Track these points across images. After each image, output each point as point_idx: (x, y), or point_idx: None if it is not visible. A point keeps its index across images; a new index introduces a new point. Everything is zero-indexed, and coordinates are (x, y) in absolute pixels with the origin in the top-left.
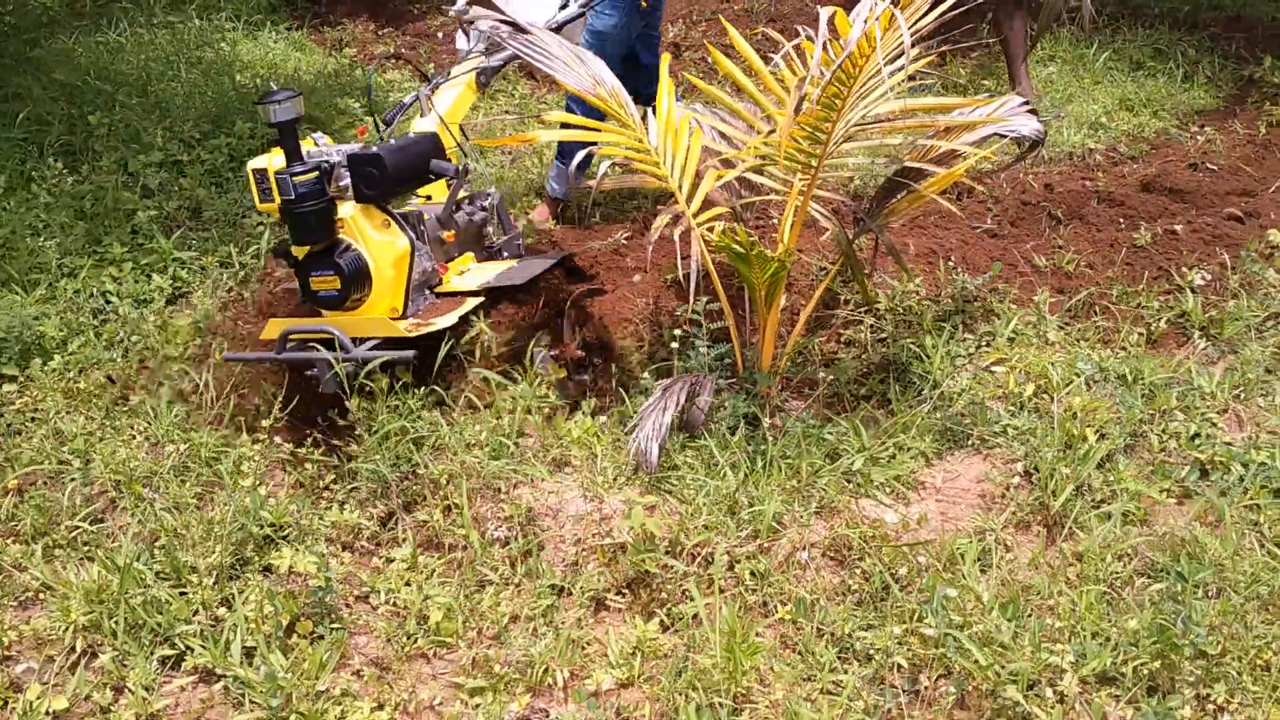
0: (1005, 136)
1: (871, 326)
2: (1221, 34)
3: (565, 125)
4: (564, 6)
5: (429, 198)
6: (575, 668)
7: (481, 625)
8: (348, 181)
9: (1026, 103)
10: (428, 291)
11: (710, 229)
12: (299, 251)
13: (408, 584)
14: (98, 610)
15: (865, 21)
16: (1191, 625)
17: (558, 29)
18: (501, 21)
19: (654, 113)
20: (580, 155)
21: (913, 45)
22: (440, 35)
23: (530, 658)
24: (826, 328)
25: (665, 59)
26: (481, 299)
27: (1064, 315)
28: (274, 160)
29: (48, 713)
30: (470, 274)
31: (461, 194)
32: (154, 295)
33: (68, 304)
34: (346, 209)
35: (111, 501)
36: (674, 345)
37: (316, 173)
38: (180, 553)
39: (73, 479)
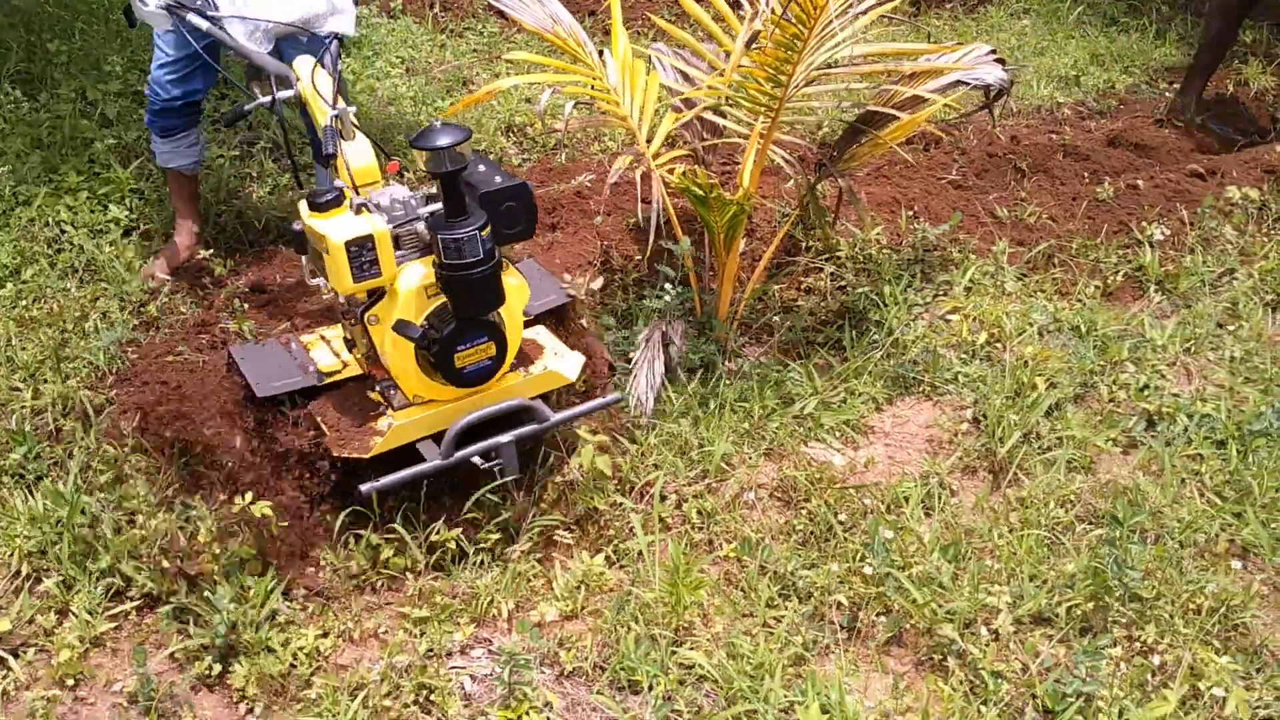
0: (970, 85)
1: (832, 274)
2: None
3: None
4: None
5: None
6: (521, 600)
7: (430, 560)
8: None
9: (993, 51)
10: None
11: (670, 171)
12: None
13: None
14: (44, 536)
15: None
16: (1125, 569)
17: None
18: None
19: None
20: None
21: None
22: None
23: (476, 590)
24: (788, 274)
25: (615, 1)
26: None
27: (1022, 266)
28: (377, 223)
29: None
30: None
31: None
32: (110, 226)
33: (21, 232)
34: None
35: (56, 430)
36: (655, 295)
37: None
38: (129, 484)
39: (22, 406)
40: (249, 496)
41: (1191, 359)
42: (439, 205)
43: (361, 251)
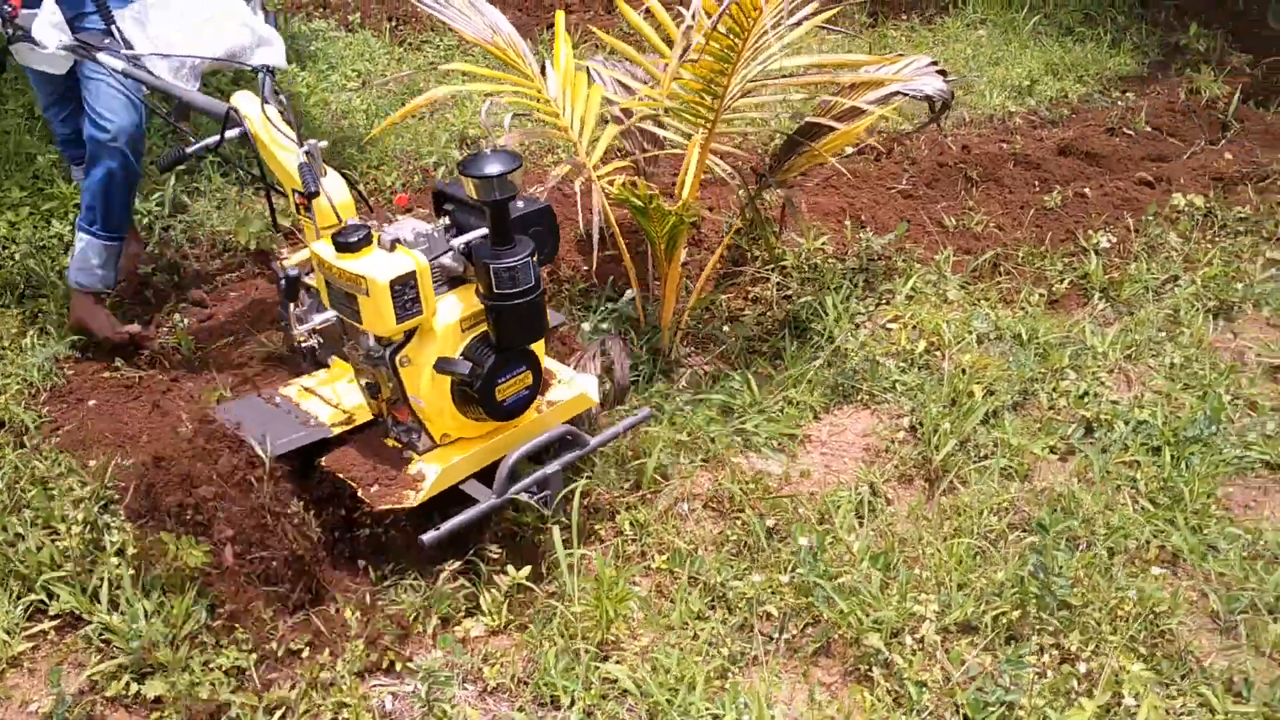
0: (909, 95)
1: (778, 284)
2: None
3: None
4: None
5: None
6: (446, 615)
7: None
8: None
9: (935, 62)
10: None
11: (611, 182)
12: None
13: None
14: None
15: None
16: (1050, 576)
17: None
18: None
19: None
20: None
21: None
22: None
23: (401, 605)
24: (735, 284)
25: (560, 14)
26: None
27: (967, 275)
28: (418, 258)
29: None
30: None
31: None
32: (52, 242)
33: None
34: None
35: None
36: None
37: None
38: (54, 500)
39: None
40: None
41: (1132, 366)
42: (475, 235)
43: (405, 290)
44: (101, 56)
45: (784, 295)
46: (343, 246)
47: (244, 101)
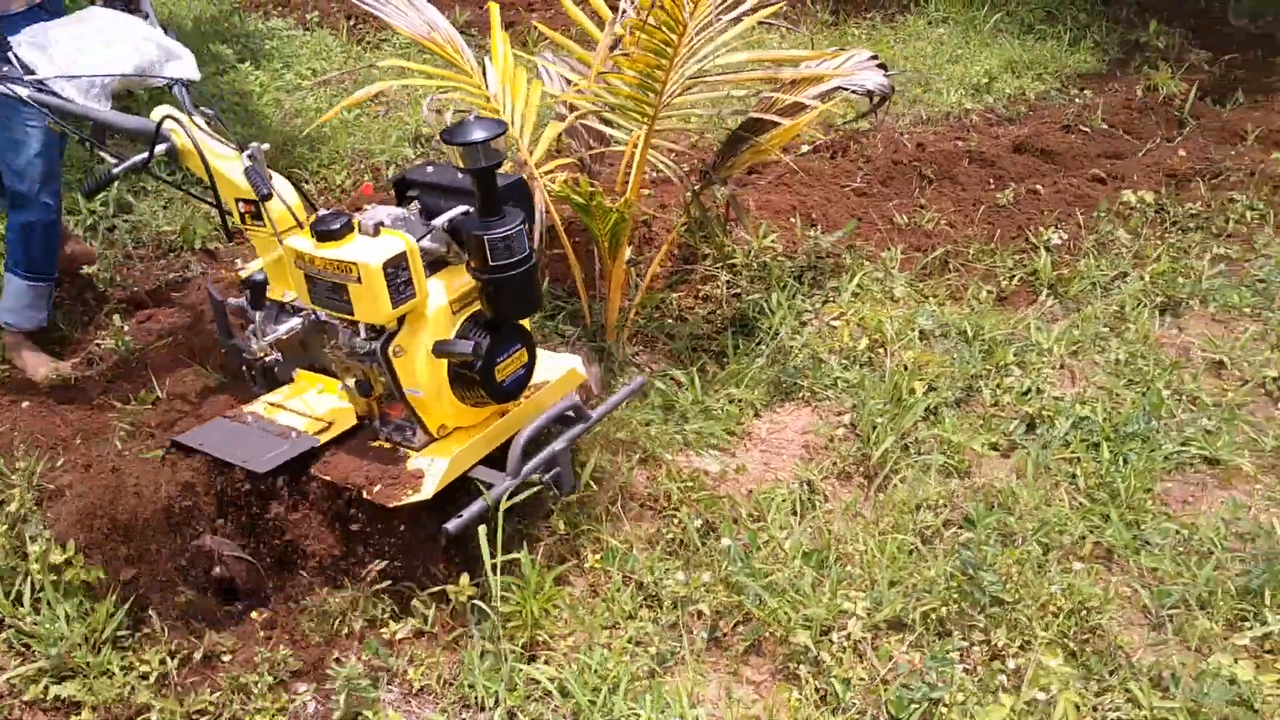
0: (850, 90)
1: (728, 282)
2: None
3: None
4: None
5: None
6: (374, 617)
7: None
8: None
9: (875, 56)
10: None
11: (554, 179)
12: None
13: None
14: None
15: None
16: (979, 572)
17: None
18: None
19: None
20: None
21: None
22: None
23: (328, 608)
24: (685, 282)
25: (494, 7)
26: None
27: (917, 272)
28: (407, 238)
29: None
30: None
31: None
32: None
33: None
34: None
35: None
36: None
37: None
38: None
39: None
40: None
41: (1076, 362)
42: (455, 212)
43: (397, 272)
44: (6, 87)
45: (733, 293)
46: (325, 235)
47: (172, 115)
